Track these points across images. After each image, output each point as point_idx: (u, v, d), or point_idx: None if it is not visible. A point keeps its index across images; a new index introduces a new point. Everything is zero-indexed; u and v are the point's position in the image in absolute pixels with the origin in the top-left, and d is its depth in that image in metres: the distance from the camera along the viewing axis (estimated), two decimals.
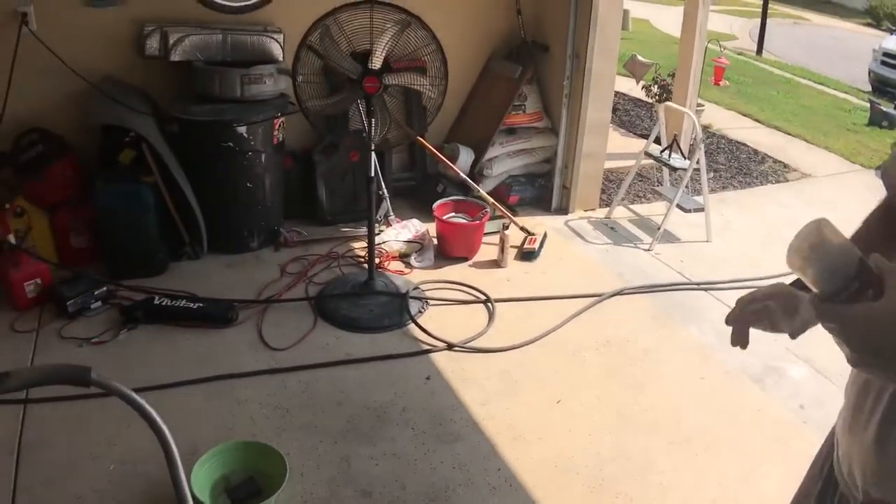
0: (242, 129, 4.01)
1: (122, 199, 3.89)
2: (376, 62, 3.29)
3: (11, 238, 3.76)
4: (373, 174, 3.62)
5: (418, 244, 4.35)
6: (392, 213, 4.58)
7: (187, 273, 4.07)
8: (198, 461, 2.64)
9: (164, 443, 1.53)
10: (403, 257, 4.29)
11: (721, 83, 9.23)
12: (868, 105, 8.71)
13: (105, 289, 3.75)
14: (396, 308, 3.76)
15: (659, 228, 4.67)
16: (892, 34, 12.01)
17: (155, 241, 4.01)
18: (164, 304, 3.68)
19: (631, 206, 5.31)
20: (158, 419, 1.54)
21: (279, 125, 4.21)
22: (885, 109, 8.32)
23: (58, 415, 3.02)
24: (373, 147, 3.55)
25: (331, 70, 3.62)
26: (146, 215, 3.93)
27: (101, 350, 3.44)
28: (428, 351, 3.51)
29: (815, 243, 0.94)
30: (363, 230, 4.40)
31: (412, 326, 3.66)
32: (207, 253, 4.21)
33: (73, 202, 4.09)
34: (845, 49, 15.47)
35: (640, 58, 6.66)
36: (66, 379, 1.50)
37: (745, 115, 8.17)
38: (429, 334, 3.59)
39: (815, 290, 0.95)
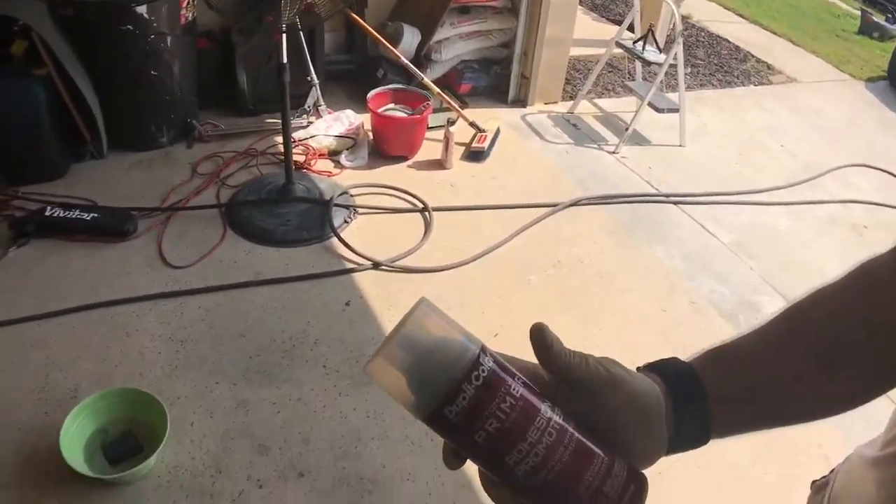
0: (142, 10, 3.39)
1: (10, 95, 3.33)
2: None
3: None
4: (284, 60, 3.08)
5: (351, 140, 3.82)
6: (322, 103, 4.01)
7: (89, 176, 3.54)
8: (69, 414, 2.21)
9: None
10: (333, 155, 3.77)
11: None
12: (859, 13, 8.14)
13: None
14: (318, 218, 3.27)
15: (627, 129, 4.16)
16: None
17: (50, 141, 3.45)
18: (56, 215, 3.17)
19: (597, 101, 4.78)
20: None
21: (187, 2, 3.60)
22: (876, 20, 7.77)
23: None
24: (283, 26, 2.99)
25: None
26: (38, 113, 3.35)
27: None
28: (351, 270, 3.06)
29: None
30: (294, 119, 3.87)
31: (335, 240, 3.19)
32: (113, 151, 3.66)
33: None
34: None
35: None
36: None
37: (728, 9, 7.55)
38: (353, 251, 3.12)
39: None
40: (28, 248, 3.07)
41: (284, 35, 3.02)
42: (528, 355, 0.65)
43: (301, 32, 3.73)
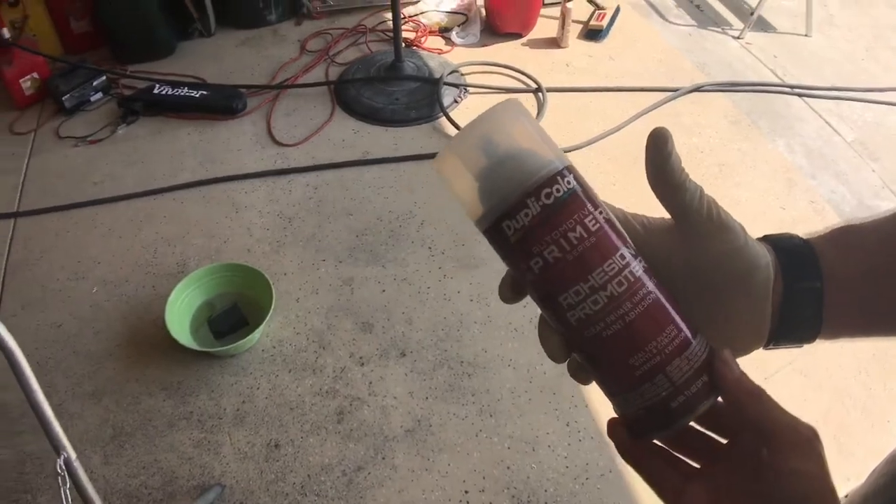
0: None
1: None
2: None
3: (6, 31, 3.29)
4: None
5: (463, 16, 3.67)
6: None
7: (197, 53, 3.55)
8: (176, 287, 2.27)
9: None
10: (444, 32, 3.64)
11: None
12: None
13: (104, 78, 3.28)
14: (427, 97, 3.18)
15: (752, 13, 3.84)
16: None
17: (157, 18, 3.45)
18: (164, 93, 3.20)
19: None
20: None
21: None
22: None
23: (48, 226, 2.70)
24: None
25: None
26: None
27: (98, 148, 3.04)
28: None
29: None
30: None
31: (444, 120, 3.10)
32: (220, 29, 3.65)
33: None
34: None
35: None
36: None
37: None
38: (459, 129, 3.04)
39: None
40: (137, 126, 3.13)
41: None
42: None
43: None
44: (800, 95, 3.43)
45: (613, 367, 0.51)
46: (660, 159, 0.53)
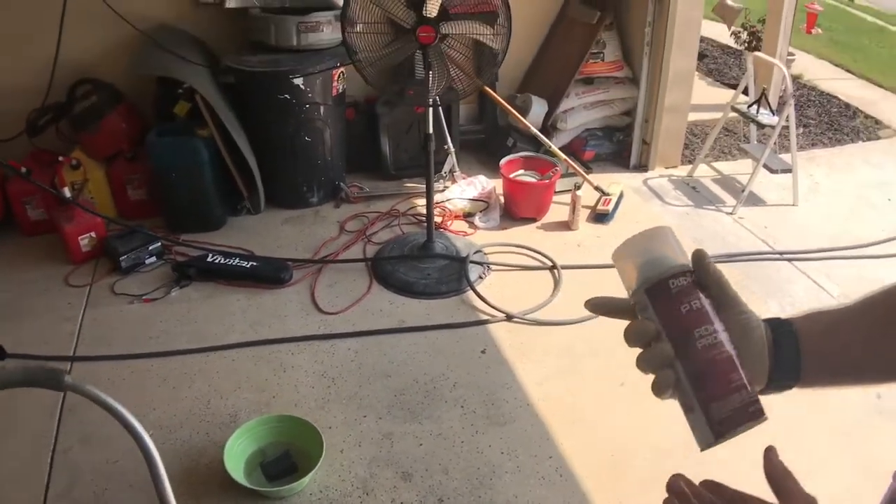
0: (299, 81, 3.82)
1: (176, 153, 3.79)
2: (431, 9, 3.04)
3: (66, 191, 3.70)
4: (430, 131, 3.39)
5: (484, 203, 4.12)
6: (458, 169, 4.34)
7: (245, 228, 3.96)
8: (233, 434, 2.53)
9: (146, 452, 1.38)
10: (467, 217, 4.07)
11: (813, 31, 8.58)
12: None
13: (159, 244, 3.68)
14: (455, 273, 3.56)
15: (743, 191, 4.31)
16: None
17: (211, 195, 3.90)
18: (217, 261, 3.58)
19: (714, 164, 4.94)
20: (139, 427, 1.38)
21: (339, 75, 4.00)
22: None
23: (102, 375, 2.98)
24: (430, 102, 3.32)
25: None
26: (201, 170, 3.81)
27: (152, 307, 3.37)
28: (485, 321, 3.31)
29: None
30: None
31: (470, 294, 3.46)
32: (266, 208, 4.09)
33: (129, 154, 4.01)
34: None
35: (729, 1, 6.22)
36: (38, 382, 1.35)
37: (837, 66, 7.59)
38: (487, 303, 3.38)
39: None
40: (189, 290, 3.48)
41: (430, 109, 3.33)
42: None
43: (440, 106, 4.06)
44: (789, 260, 3.82)
45: (718, 379, 0.82)
46: (701, 261, 0.88)
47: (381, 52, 3.16)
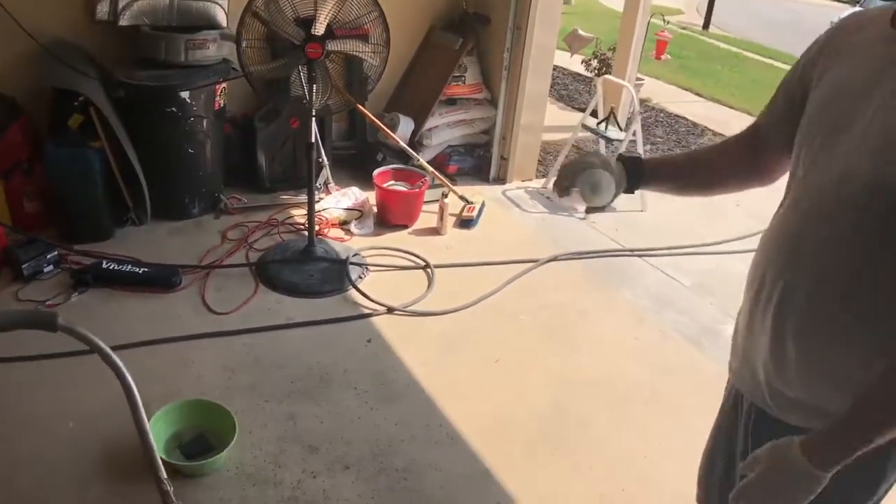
0: (185, 95, 4.01)
1: (71, 163, 3.87)
2: (319, 28, 3.32)
3: None
4: (313, 140, 3.67)
5: (358, 212, 4.41)
6: (332, 181, 4.61)
7: (132, 239, 4.07)
8: (150, 419, 2.68)
9: (127, 388, 1.61)
10: (343, 225, 4.35)
11: (662, 57, 9.33)
12: None
13: (56, 253, 3.75)
14: (337, 274, 3.82)
15: None
16: (856, 5, 12.01)
17: (102, 206, 4.01)
18: (111, 268, 3.70)
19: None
20: (122, 366, 1.60)
21: (221, 91, 4.21)
22: None
23: (19, 375, 3.06)
24: (313, 113, 3.59)
25: (275, 36, 3.63)
26: (94, 180, 3.91)
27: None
28: (369, 315, 3.59)
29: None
30: (303, 198, 4.44)
31: (353, 291, 3.73)
32: (151, 219, 4.20)
33: (26, 167, 4.04)
34: (803, 23, 14.34)
35: (580, 32, 6.76)
36: (34, 324, 1.55)
37: (686, 90, 8.31)
38: (369, 299, 3.66)
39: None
40: (87, 295, 3.58)
41: (314, 119, 3.60)
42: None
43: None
44: (639, 256, 4.31)
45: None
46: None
47: (271, 66, 3.41)
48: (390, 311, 3.61)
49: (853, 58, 1.25)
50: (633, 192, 1.63)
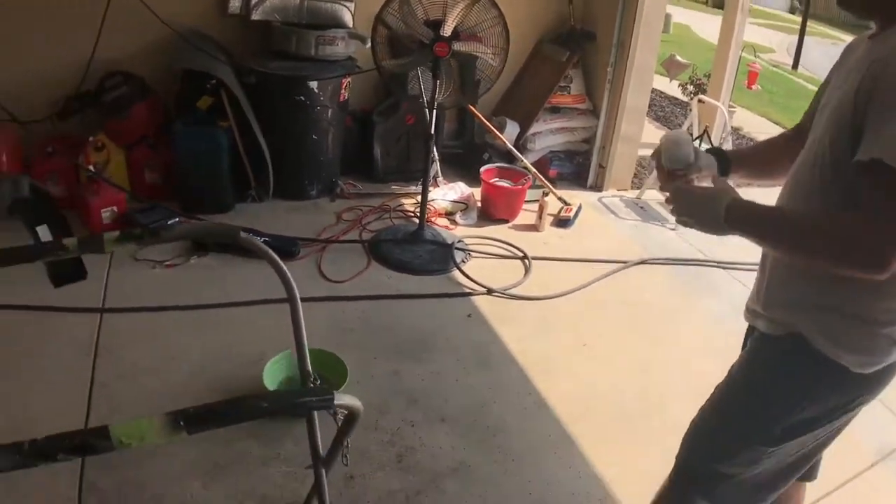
0: (314, 85, 4.40)
1: (200, 140, 4.28)
2: (447, 29, 3.66)
3: (91, 167, 4.16)
4: (432, 132, 4.00)
5: (463, 204, 4.73)
6: (441, 175, 4.95)
7: (252, 213, 4.45)
8: (267, 363, 3.02)
9: (292, 297, 1.90)
10: (449, 215, 4.67)
11: (754, 87, 9.46)
12: None
13: (178, 220, 4.12)
14: (442, 256, 4.14)
15: None
16: None
17: (226, 181, 4.40)
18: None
19: (661, 190, 5.64)
20: (288, 273, 1.90)
21: (346, 85, 4.59)
22: None
23: (132, 324, 3.41)
24: (434, 107, 3.92)
25: (396, 40, 3.99)
26: (220, 157, 4.32)
27: (173, 272, 3.82)
28: (469, 294, 3.90)
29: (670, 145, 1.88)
30: (412, 188, 4.81)
31: (456, 273, 4.05)
32: (271, 197, 4.58)
33: (150, 141, 4.48)
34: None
35: (678, 58, 6.97)
36: (217, 235, 1.87)
37: (775, 123, 8.43)
38: (471, 279, 3.97)
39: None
40: (207, 259, 3.93)
41: (435, 113, 3.94)
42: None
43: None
44: (724, 268, 4.50)
45: None
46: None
47: (400, 61, 3.77)
48: (489, 292, 3.90)
49: (845, 64, 1.67)
50: (726, 175, 1.96)
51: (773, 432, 1.70)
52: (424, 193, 4.13)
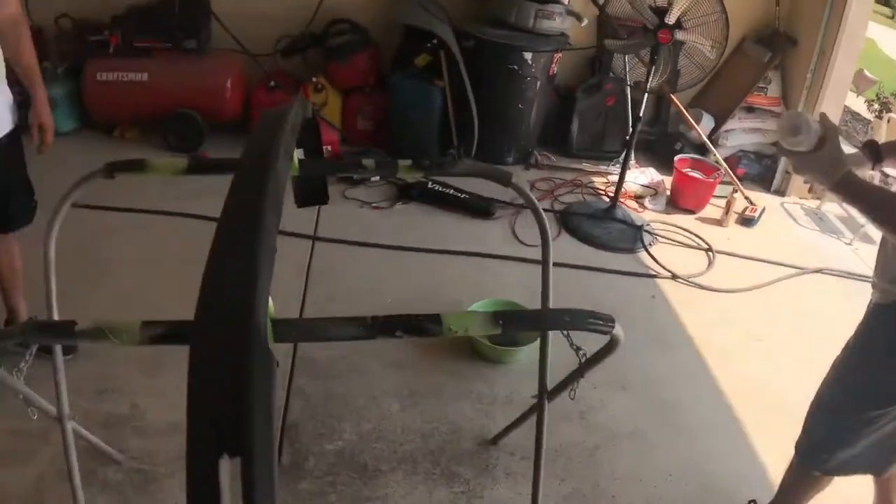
0: (528, 56, 4.63)
1: (416, 94, 4.62)
2: (672, 18, 3.81)
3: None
4: (641, 114, 4.16)
5: (653, 190, 4.87)
6: (633, 158, 5.09)
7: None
8: (472, 306, 3.28)
9: (546, 242, 2.15)
10: (638, 198, 4.83)
11: None
12: None
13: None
14: (631, 236, 4.32)
15: (862, 227, 4.95)
16: None
17: (432, 136, 4.72)
18: (436, 188, 4.37)
19: (841, 205, 5.61)
20: (546, 222, 2.16)
21: (557, 59, 4.79)
22: None
23: (340, 255, 3.79)
24: (647, 91, 4.08)
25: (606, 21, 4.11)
26: (432, 113, 4.64)
27: (380, 214, 4.17)
28: (654, 276, 4.06)
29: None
30: (603, 167, 4.99)
31: (642, 254, 4.22)
32: (471, 158, 4.83)
33: (366, 90, 4.82)
34: None
35: (866, 73, 6.82)
36: (492, 177, 2.11)
37: None
38: (658, 262, 4.13)
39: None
40: (410, 207, 4.25)
41: (647, 96, 4.09)
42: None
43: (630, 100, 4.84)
44: None
45: None
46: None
47: (625, 42, 3.95)
48: (674, 277, 4.05)
49: None
50: (881, 161, 2.03)
51: (887, 393, 2.00)
52: (623, 173, 4.30)
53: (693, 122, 5.03)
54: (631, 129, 4.23)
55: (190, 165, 1.96)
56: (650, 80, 4.00)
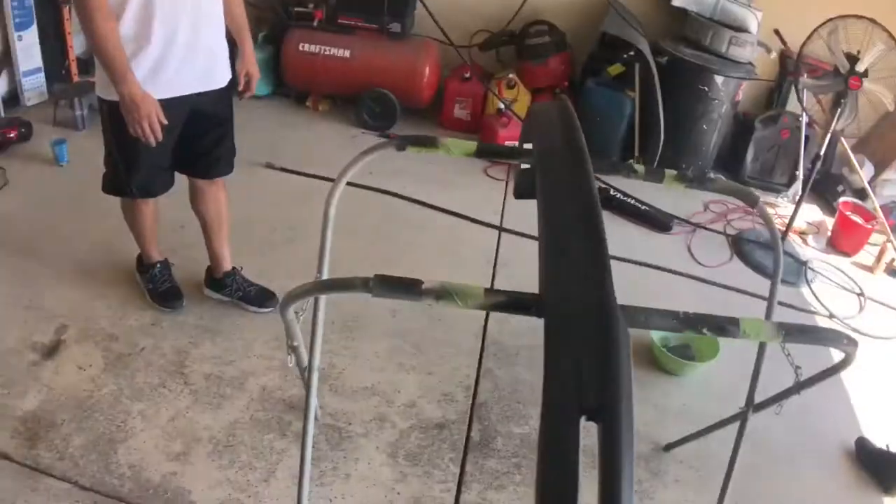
0: (720, 80, 4.95)
1: (608, 102, 4.99)
2: (862, 66, 4.09)
3: (502, 104, 4.92)
4: (822, 153, 4.41)
5: (814, 228, 5.19)
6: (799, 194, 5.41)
7: (626, 182, 5.04)
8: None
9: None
10: (802, 234, 5.13)
11: None
12: None
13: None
14: (795, 270, 4.64)
15: None
16: None
17: (617, 145, 5.09)
18: (618, 196, 4.75)
19: None
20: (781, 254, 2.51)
21: (742, 87, 5.12)
22: None
23: (523, 247, 4.15)
24: (829, 133, 4.33)
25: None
26: (620, 122, 5.01)
27: None
28: (813, 312, 4.36)
29: None
30: (771, 198, 5.31)
31: (804, 289, 4.55)
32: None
33: (557, 91, 5.19)
34: None
35: None
36: (741, 196, 2.26)
37: None
38: (818, 301, 4.45)
39: None
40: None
41: (829, 136, 4.37)
42: None
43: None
44: None
45: None
46: None
47: (819, 82, 4.32)
48: (831, 316, 4.36)
49: None
50: None
51: None
52: (797, 208, 4.58)
53: (858, 168, 5.30)
54: (810, 166, 4.50)
55: (479, 148, 2.08)
56: (835, 121, 4.26)
